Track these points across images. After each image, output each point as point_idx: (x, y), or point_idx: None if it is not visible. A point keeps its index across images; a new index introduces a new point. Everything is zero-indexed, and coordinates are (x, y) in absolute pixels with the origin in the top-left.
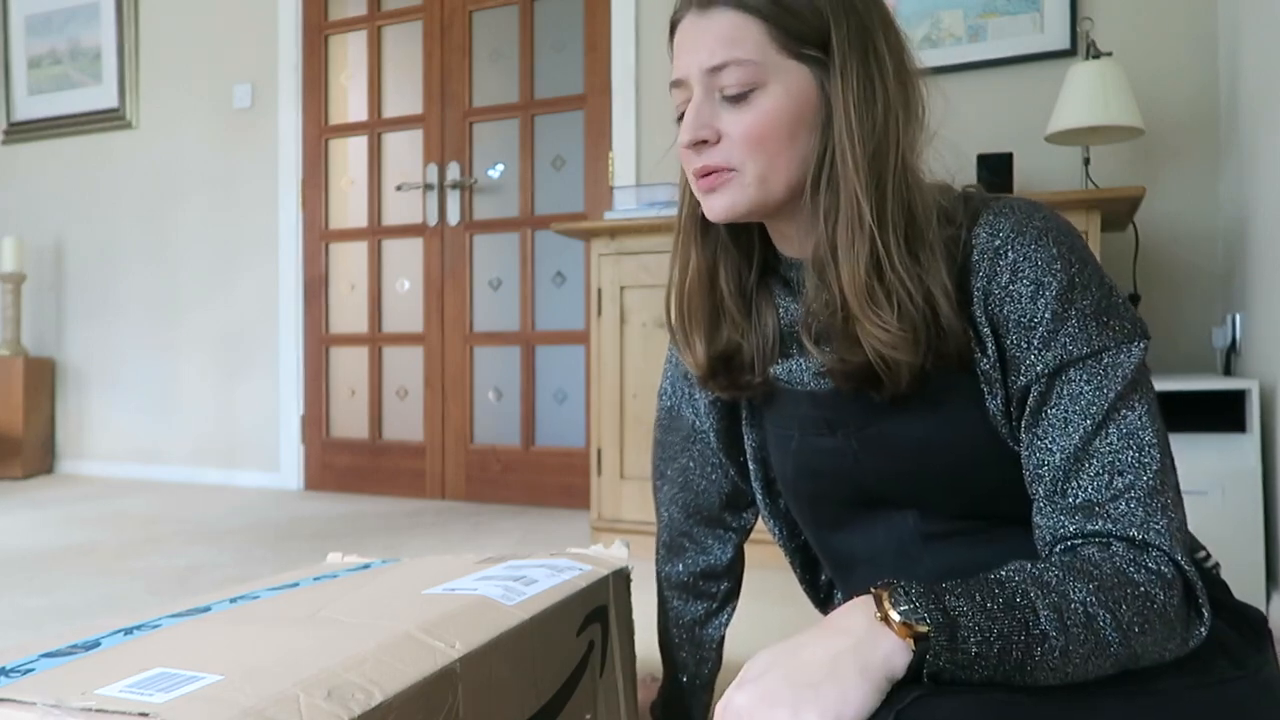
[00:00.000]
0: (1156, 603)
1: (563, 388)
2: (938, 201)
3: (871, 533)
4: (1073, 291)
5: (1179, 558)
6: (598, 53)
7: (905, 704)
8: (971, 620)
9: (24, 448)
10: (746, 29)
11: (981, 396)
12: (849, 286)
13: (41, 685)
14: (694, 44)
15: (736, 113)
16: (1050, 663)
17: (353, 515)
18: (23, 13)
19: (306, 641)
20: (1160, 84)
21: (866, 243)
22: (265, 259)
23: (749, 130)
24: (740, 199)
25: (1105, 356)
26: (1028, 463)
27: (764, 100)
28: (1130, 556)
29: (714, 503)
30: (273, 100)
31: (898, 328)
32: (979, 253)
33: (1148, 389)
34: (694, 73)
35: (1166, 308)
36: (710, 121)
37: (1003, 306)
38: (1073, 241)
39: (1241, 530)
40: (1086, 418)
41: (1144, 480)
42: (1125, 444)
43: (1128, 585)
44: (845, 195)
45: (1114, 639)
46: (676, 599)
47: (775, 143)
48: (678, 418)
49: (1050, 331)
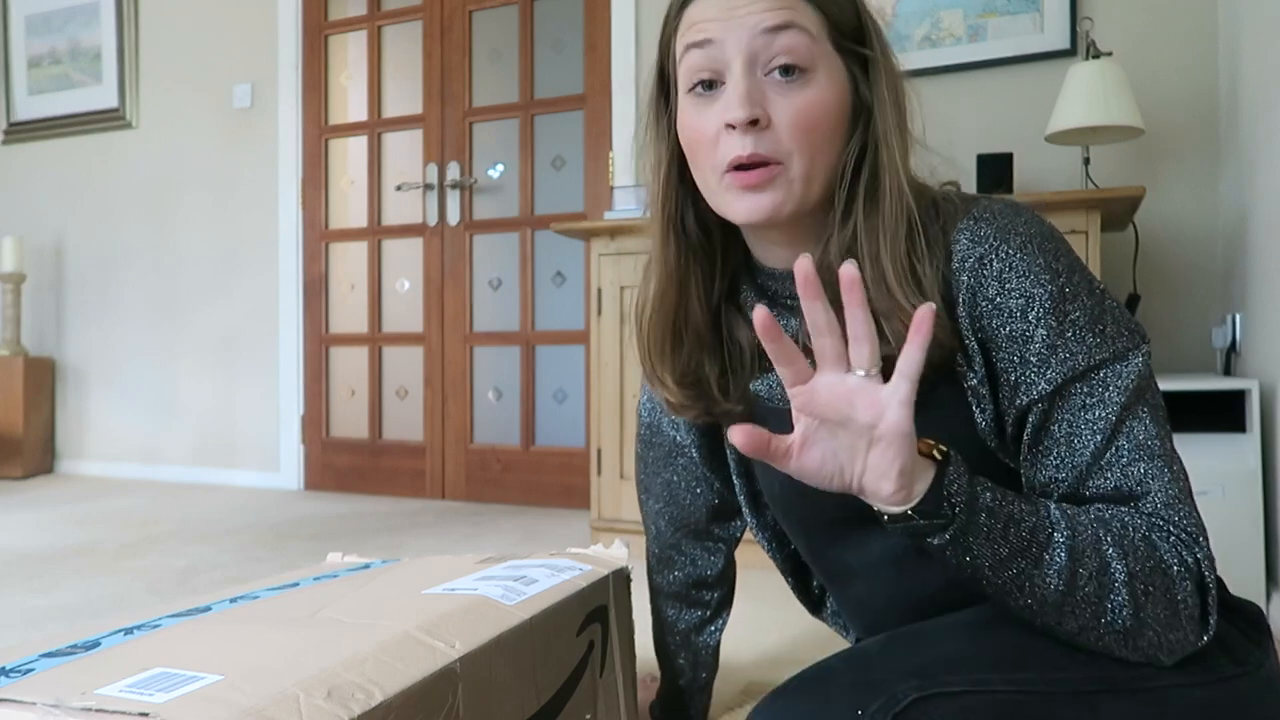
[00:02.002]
0: (1177, 597)
1: (563, 388)
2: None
3: (865, 546)
4: (1064, 303)
5: (1207, 564)
6: (597, 53)
7: (905, 703)
8: (988, 502)
9: (24, 448)
10: (803, 7)
11: (969, 410)
12: (893, 277)
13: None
14: (738, 8)
15: (787, 94)
16: (1053, 586)
17: (352, 515)
18: (23, 13)
19: (306, 641)
20: (1160, 84)
21: (905, 233)
22: (265, 259)
23: (799, 115)
24: (787, 199)
25: (1106, 369)
26: (1033, 479)
27: (815, 85)
28: (1173, 547)
29: (700, 516)
30: (273, 100)
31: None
32: (959, 260)
33: (1153, 395)
34: (739, 35)
35: (1166, 308)
36: (761, 100)
37: (991, 320)
38: (1058, 246)
39: (1241, 530)
40: (1096, 433)
41: (1161, 487)
42: (1137, 455)
43: (1153, 552)
44: (890, 188)
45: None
46: (670, 608)
47: (822, 135)
48: (658, 433)
49: (1047, 349)
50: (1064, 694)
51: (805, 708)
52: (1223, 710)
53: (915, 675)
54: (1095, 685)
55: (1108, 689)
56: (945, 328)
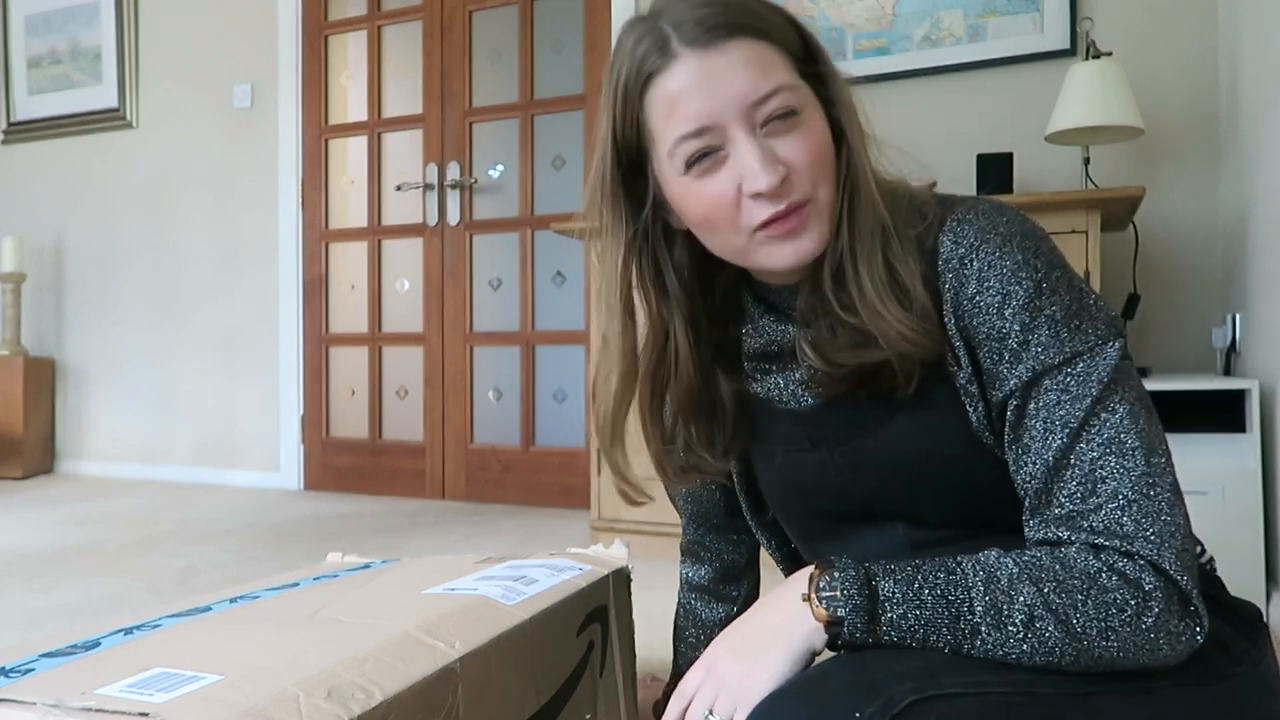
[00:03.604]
0: (1127, 611)
1: (563, 388)
2: (906, 197)
3: (861, 544)
4: (1040, 299)
5: (1168, 565)
6: (597, 53)
7: (902, 706)
8: (896, 609)
9: (24, 448)
10: (769, 54)
11: (963, 407)
12: (871, 286)
13: (41, 685)
14: (720, 82)
15: (789, 139)
16: (986, 650)
17: (352, 515)
18: (23, 13)
19: (306, 641)
20: (1160, 84)
21: (880, 237)
22: (265, 259)
23: (810, 152)
24: (824, 229)
25: (1079, 362)
26: (1015, 476)
27: (808, 118)
28: (1109, 563)
29: (719, 512)
30: (273, 100)
31: (918, 321)
32: (944, 261)
33: (1129, 388)
34: (731, 111)
35: (1166, 308)
36: (774, 156)
37: (972, 318)
38: (1039, 245)
39: (1241, 530)
40: (1064, 427)
41: (1127, 486)
42: (1105, 450)
43: (1093, 590)
44: (865, 201)
45: (1060, 642)
46: (697, 600)
47: (827, 162)
48: None
49: (1021, 343)
50: (1061, 695)
51: (803, 710)
52: (1220, 710)
53: (913, 677)
54: (1092, 686)
55: (1105, 690)
56: (927, 333)
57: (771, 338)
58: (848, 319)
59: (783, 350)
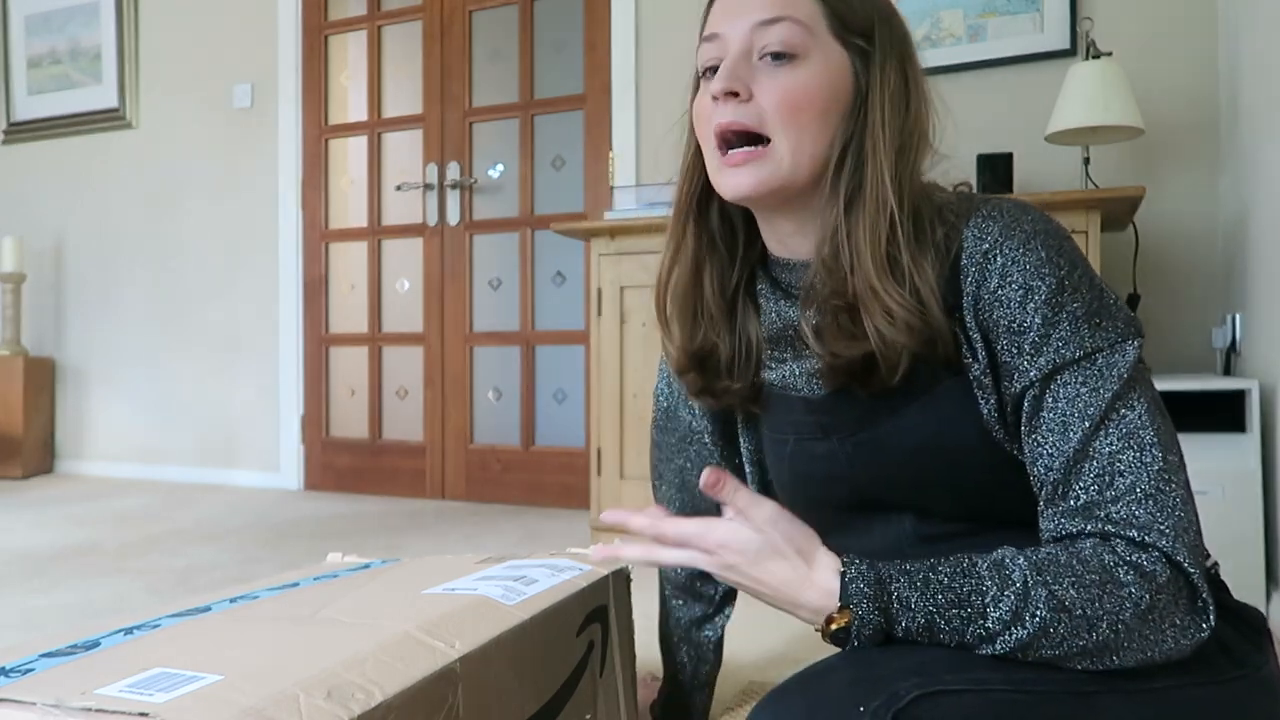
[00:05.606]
0: (1141, 605)
1: (563, 388)
2: (933, 202)
3: (869, 536)
4: (1062, 295)
5: (1181, 558)
6: (597, 53)
7: (907, 700)
8: (912, 620)
9: (24, 448)
10: (805, 2)
11: (975, 401)
12: (870, 263)
13: (41, 685)
14: (746, 2)
15: (775, 75)
16: (995, 651)
17: (352, 515)
18: (23, 13)
19: (306, 641)
20: (1160, 84)
21: (886, 223)
22: (265, 259)
23: (785, 94)
24: (769, 177)
25: (1099, 358)
26: (1031, 468)
27: (804, 69)
28: (1125, 556)
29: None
30: (273, 100)
31: (913, 304)
32: (967, 256)
33: (1146, 387)
34: (738, 27)
35: (1166, 308)
36: (745, 77)
37: (992, 312)
38: (1061, 244)
39: (1241, 530)
40: (1084, 419)
41: (1145, 480)
42: (1125, 444)
43: (1108, 584)
44: (872, 178)
45: (1072, 640)
46: (675, 599)
47: (808, 115)
48: (674, 418)
49: (1041, 336)
50: (1064, 693)
51: (807, 705)
52: (1222, 711)
53: (917, 673)
54: (1095, 685)
55: (1108, 689)
56: (919, 314)
57: (784, 322)
58: (836, 302)
59: (796, 336)
